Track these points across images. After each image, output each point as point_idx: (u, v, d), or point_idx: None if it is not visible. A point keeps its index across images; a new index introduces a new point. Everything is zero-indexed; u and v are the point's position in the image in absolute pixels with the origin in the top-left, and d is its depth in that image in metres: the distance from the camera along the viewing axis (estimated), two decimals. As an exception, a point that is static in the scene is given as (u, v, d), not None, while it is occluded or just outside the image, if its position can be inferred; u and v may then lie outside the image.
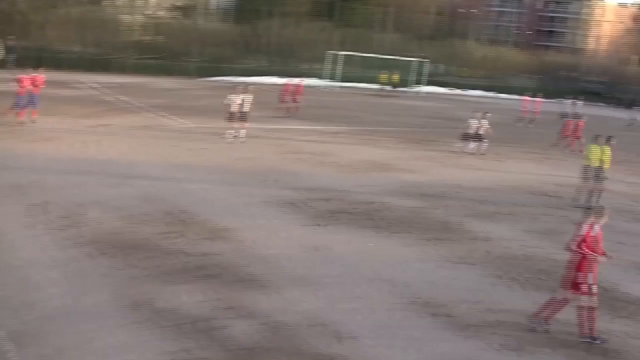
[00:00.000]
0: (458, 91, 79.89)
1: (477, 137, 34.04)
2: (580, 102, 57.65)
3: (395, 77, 65.05)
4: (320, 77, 68.88)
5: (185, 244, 15.84)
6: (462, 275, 15.91)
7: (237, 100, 29.68)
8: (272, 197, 21.05)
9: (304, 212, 19.67)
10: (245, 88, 30.64)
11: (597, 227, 12.87)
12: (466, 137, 34.16)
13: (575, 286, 12.70)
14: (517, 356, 11.93)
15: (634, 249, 19.91)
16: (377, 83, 68.23)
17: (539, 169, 32.02)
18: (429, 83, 76.95)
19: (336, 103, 52.26)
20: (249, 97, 30.02)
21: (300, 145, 30.82)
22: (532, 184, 27.94)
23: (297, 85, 42.38)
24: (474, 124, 33.93)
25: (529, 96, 53.07)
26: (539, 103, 52.10)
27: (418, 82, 72.76)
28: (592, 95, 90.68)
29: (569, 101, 56.94)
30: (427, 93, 72.15)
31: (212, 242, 16.20)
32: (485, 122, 33.95)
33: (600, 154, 24.65)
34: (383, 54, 72.45)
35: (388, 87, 66.74)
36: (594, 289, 12.67)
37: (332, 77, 67.53)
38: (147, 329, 11.47)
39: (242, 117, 29.77)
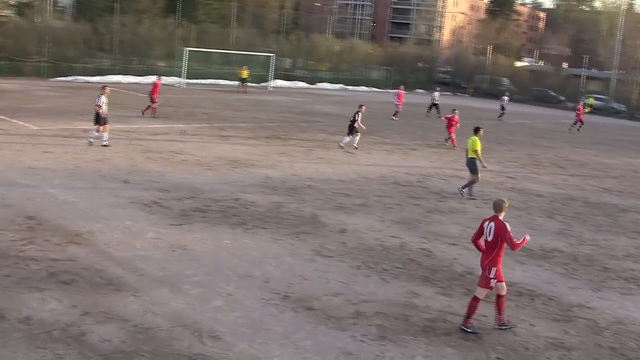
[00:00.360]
0: (308, 85, 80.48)
1: (352, 131, 34.37)
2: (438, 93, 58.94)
3: (244, 73, 64.93)
4: (173, 74, 68.31)
5: (35, 251, 15.33)
6: (320, 267, 15.98)
7: (105, 102, 28.91)
8: (124, 198, 20.67)
9: (158, 213, 19.40)
10: (103, 88, 29.74)
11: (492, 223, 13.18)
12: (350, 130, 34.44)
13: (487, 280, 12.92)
14: (380, 345, 12.04)
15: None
16: (236, 79, 67.69)
17: (402, 161, 32.56)
18: (279, 77, 77.34)
19: (189, 100, 51.83)
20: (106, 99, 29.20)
21: (154, 144, 30.39)
22: (395, 175, 28.40)
23: (155, 84, 41.67)
24: (357, 117, 34.30)
25: (399, 89, 54.08)
26: (402, 95, 52.86)
27: (268, 77, 72.88)
28: (444, 85, 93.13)
29: (437, 93, 58.06)
30: (275, 87, 72.44)
31: (64, 247, 15.76)
32: (359, 117, 34.20)
33: (472, 145, 25.16)
34: (233, 50, 72.51)
35: (237, 83, 66.47)
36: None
37: (180, 75, 66.97)
38: (-1, 340, 11.08)
39: (105, 119, 28.96)
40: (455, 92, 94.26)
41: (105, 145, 28.60)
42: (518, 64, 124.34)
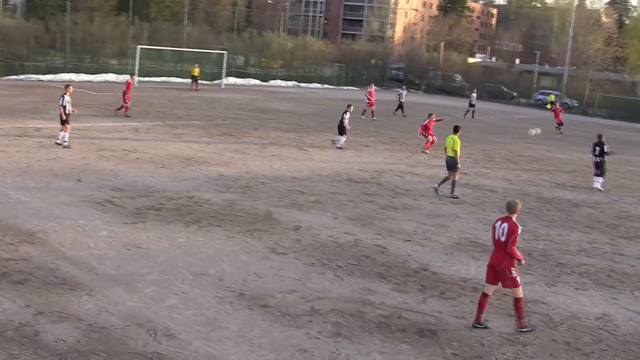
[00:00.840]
0: (261, 82, 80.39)
1: (342, 131, 34.77)
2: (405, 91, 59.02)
3: (196, 71, 64.65)
4: (125, 73, 67.89)
5: (-13, 251, 15.21)
6: (275, 265, 15.99)
7: (69, 101, 28.57)
8: (77, 197, 20.51)
9: (112, 211, 19.29)
10: (66, 88, 29.30)
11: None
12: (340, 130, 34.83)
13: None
14: (335, 342, 12.08)
15: (441, 230, 20.55)
16: (189, 77, 67.27)
17: (356, 158, 32.62)
18: (232, 75, 77.20)
19: (142, 99, 51.43)
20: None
21: (108, 143, 30.15)
22: (349, 172, 28.50)
23: (128, 83, 41.32)
24: (345, 117, 34.68)
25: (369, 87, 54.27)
26: (373, 93, 52.84)
27: (221, 75, 72.69)
28: (397, 82, 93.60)
29: (404, 91, 58.19)
30: (228, 85, 72.30)
31: (17, 247, 15.61)
32: (347, 116, 34.50)
33: (452, 144, 25.30)
34: (186, 48, 72.27)
35: (189, 80, 66.10)
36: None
37: (132, 72, 66.51)
38: (-48, 341, 10.96)
39: (67, 119, 28.68)
40: (408, 89, 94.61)
41: (65, 146, 28.19)
42: (470, 60, 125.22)
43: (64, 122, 28.50)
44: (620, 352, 12.81)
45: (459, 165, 25.56)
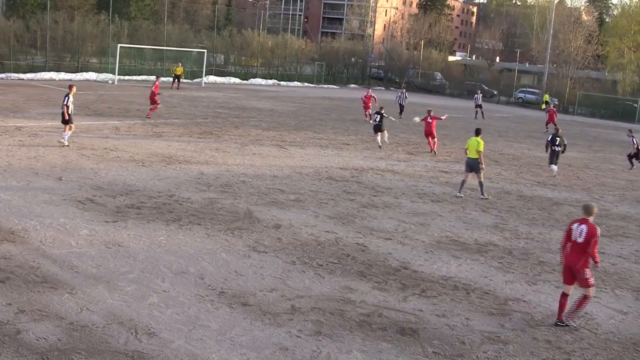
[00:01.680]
0: (241, 81, 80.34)
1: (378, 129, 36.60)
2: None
3: (179, 70, 64.53)
4: (105, 71, 67.79)
5: (-33, 250, 15.17)
6: (256, 263, 16.01)
7: (72, 101, 28.92)
8: (58, 196, 20.46)
9: (93, 210, 19.25)
10: (70, 87, 29.51)
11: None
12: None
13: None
14: (316, 340, 12.11)
15: (421, 228, 20.61)
16: (170, 75, 66.99)
17: (336, 156, 32.64)
18: (212, 73, 77.13)
19: (122, 97, 51.38)
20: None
21: (88, 141, 30.03)
22: (329, 171, 28.53)
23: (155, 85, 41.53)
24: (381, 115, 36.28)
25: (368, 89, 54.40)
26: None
27: (201, 74, 72.59)
28: (377, 80, 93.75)
29: (403, 93, 58.21)
30: (208, 83, 72.25)
31: (-3, 245, 15.61)
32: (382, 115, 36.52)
33: (475, 146, 25.39)
34: (166, 46, 72.16)
35: (169, 79, 65.96)
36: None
37: (112, 71, 66.40)
38: None
39: (71, 119, 28.98)
40: (388, 87, 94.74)
41: (65, 145, 28.43)
42: (451, 58, 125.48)
43: (66, 122, 28.74)
44: (601, 351, 12.89)
45: (483, 166, 25.60)
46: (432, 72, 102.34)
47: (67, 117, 28.63)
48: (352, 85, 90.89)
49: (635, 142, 37.42)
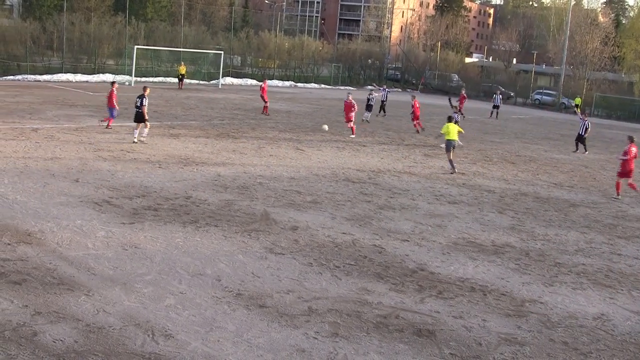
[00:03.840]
0: (258, 82, 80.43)
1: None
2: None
3: (182, 69, 64.61)
4: (122, 73, 67.97)
5: (-15, 251, 15.19)
6: (273, 265, 15.98)
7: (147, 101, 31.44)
8: (75, 197, 20.49)
9: (110, 212, 19.27)
10: (144, 89, 32.01)
11: None
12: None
13: None
14: (333, 342, 12.07)
15: (438, 230, 20.56)
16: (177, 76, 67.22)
17: (353, 158, 32.63)
18: (228, 75, 77.25)
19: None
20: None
21: (105, 143, 30.12)
22: (346, 172, 28.52)
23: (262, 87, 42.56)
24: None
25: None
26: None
27: (218, 75, 72.70)
28: (394, 82, 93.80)
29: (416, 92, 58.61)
30: (225, 85, 72.38)
31: (15, 247, 15.58)
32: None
33: (456, 129, 30.49)
34: (183, 48, 72.32)
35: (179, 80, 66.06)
36: None
37: (129, 73, 66.56)
38: (-50, 342, 10.95)
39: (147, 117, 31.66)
40: (405, 89, 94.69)
41: (142, 142, 31.00)
42: (467, 60, 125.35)
43: (142, 120, 31.22)
44: (618, 352, 12.82)
45: (462, 144, 29.17)
46: (449, 74, 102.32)
47: (146, 117, 31.11)
48: (369, 87, 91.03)
49: None
